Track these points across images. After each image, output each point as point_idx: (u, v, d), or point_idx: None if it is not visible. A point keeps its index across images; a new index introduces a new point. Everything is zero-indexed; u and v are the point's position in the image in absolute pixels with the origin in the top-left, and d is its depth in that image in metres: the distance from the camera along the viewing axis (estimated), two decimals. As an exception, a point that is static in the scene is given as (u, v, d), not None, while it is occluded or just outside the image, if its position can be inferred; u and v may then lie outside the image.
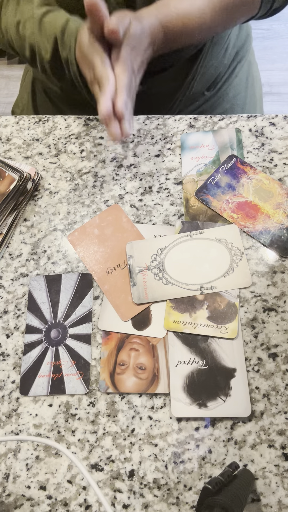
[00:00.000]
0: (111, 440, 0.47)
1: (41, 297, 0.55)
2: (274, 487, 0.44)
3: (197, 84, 0.72)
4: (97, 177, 0.63)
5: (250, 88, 0.82)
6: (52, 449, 0.48)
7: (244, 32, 0.77)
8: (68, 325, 0.53)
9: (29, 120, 0.69)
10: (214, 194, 0.59)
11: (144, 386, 0.49)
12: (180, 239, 0.56)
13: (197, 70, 0.70)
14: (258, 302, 0.52)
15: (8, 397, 0.51)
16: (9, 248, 0.59)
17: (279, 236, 0.55)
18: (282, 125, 0.63)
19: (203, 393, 0.48)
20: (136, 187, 0.61)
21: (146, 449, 0.47)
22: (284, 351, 0.49)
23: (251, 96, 0.82)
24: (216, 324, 0.51)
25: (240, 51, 0.77)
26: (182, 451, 0.46)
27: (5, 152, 0.66)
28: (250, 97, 0.82)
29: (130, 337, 0.52)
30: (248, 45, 0.79)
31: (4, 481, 0.47)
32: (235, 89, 0.78)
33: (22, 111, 0.85)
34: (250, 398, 0.47)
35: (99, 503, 0.45)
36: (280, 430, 0.46)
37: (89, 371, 0.51)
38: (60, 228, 0.60)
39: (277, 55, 1.78)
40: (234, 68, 0.76)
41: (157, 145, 0.64)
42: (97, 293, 0.55)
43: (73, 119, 0.68)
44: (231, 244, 0.55)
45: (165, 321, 0.51)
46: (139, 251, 0.56)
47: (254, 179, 0.59)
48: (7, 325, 0.54)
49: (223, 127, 0.64)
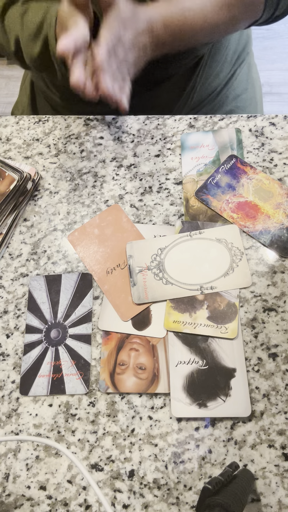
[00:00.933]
0: (111, 440, 0.47)
1: (41, 297, 0.55)
2: (274, 487, 0.44)
3: (197, 94, 0.72)
4: (97, 177, 0.63)
5: (250, 90, 0.82)
6: (52, 449, 0.48)
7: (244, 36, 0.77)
8: (68, 325, 0.53)
9: (29, 120, 0.69)
10: (214, 194, 0.59)
11: (144, 386, 0.49)
12: (180, 239, 0.56)
13: (196, 80, 0.70)
14: (258, 302, 0.52)
15: (8, 397, 0.51)
16: (9, 248, 0.59)
17: (279, 236, 0.55)
18: (282, 125, 0.63)
19: (203, 393, 0.48)
20: (136, 187, 0.61)
21: (146, 449, 0.47)
22: (284, 351, 0.49)
23: (251, 98, 0.82)
24: (216, 324, 0.51)
25: (241, 55, 0.77)
26: (182, 451, 0.46)
27: (5, 152, 0.66)
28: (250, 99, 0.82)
29: (130, 337, 0.52)
30: (248, 48, 0.79)
31: (4, 481, 0.47)
32: (235, 91, 0.78)
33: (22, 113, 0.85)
34: (250, 398, 0.47)
35: (99, 503, 0.45)
36: (280, 430, 0.46)
37: (89, 371, 0.51)
38: (60, 228, 0.60)
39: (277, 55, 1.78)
40: (234, 72, 0.76)
41: (157, 145, 0.64)
42: (97, 293, 0.55)
43: (73, 119, 0.68)
44: (231, 244, 0.55)
45: (165, 321, 0.52)
46: (139, 251, 0.56)
47: (254, 179, 0.59)
48: (7, 325, 0.54)
49: (223, 127, 0.64)
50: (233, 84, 0.77)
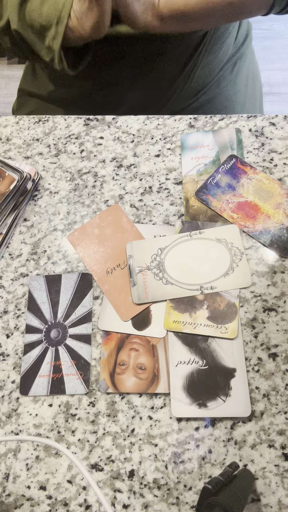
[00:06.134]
0: (111, 440, 0.47)
1: (41, 297, 0.55)
2: (274, 487, 0.44)
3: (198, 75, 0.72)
4: (97, 177, 0.63)
5: (250, 86, 0.82)
6: (52, 449, 0.48)
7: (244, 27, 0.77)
8: (68, 325, 0.53)
9: (29, 120, 0.69)
10: (214, 194, 0.59)
11: (144, 386, 0.49)
12: (180, 239, 0.56)
13: (198, 59, 0.70)
14: (258, 302, 0.52)
15: (8, 397, 0.51)
16: (9, 248, 0.59)
17: (279, 236, 0.55)
18: (282, 125, 0.63)
19: (203, 393, 0.48)
20: (136, 187, 0.61)
21: (146, 449, 0.47)
22: (284, 351, 0.49)
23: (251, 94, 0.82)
24: (216, 324, 0.51)
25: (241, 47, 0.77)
26: (182, 451, 0.46)
27: (5, 152, 0.66)
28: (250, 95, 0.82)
29: (130, 337, 0.52)
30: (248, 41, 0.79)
31: (4, 481, 0.47)
32: (235, 86, 0.78)
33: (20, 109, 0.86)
34: (250, 398, 0.47)
35: (99, 503, 0.45)
36: (280, 430, 0.46)
37: (89, 371, 0.51)
38: (60, 228, 0.60)
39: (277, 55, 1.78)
40: (235, 64, 0.76)
41: (157, 145, 0.64)
42: (97, 293, 0.55)
43: (73, 119, 0.68)
44: (231, 244, 0.55)
45: (165, 321, 0.51)
46: (139, 251, 0.56)
47: (254, 179, 0.59)
48: (7, 325, 0.54)
49: (223, 127, 0.64)
50: (234, 79, 0.77)
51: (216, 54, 0.72)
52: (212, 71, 0.74)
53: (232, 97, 0.78)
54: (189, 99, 0.75)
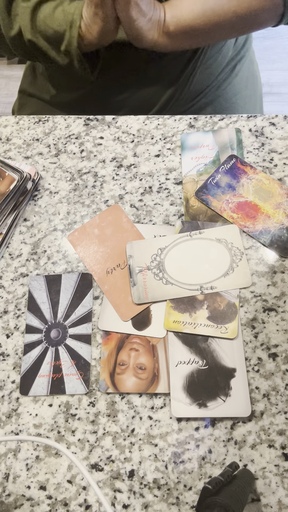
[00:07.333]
0: (111, 440, 0.47)
1: (41, 297, 0.55)
2: (274, 487, 0.44)
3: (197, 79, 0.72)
4: (97, 177, 0.63)
5: (250, 87, 0.82)
6: (52, 449, 0.48)
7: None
8: (68, 325, 0.53)
9: (29, 120, 0.69)
10: (214, 194, 0.59)
11: (144, 386, 0.49)
12: (180, 239, 0.56)
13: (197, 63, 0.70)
14: (258, 302, 0.52)
15: (8, 397, 0.51)
16: (9, 248, 0.59)
17: (279, 236, 0.55)
18: (282, 125, 0.63)
19: (203, 393, 0.48)
20: (136, 187, 0.61)
21: (146, 449, 0.47)
22: (284, 351, 0.49)
23: (251, 95, 0.82)
24: (216, 324, 0.51)
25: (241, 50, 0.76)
26: (182, 451, 0.46)
27: (5, 152, 0.66)
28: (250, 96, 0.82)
29: (130, 337, 0.52)
30: (249, 44, 0.79)
31: (4, 481, 0.47)
32: (235, 88, 0.78)
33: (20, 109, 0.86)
34: (250, 398, 0.47)
35: (99, 503, 0.45)
36: (280, 430, 0.46)
37: (89, 371, 0.51)
38: (60, 228, 0.60)
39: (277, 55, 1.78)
40: (235, 67, 0.76)
41: (157, 145, 0.64)
42: (97, 293, 0.55)
43: (73, 119, 0.68)
44: (231, 244, 0.55)
45: (165, 321, 0.51)
46: (139, 251, 0.56)
47: (254, 179, 0.59)
48: (7, 325, 0.54)
49: (223, 127, 0.64)
50: (234, 80, 0.77)
51: (216, 57, 0.72)
52: (212, 74, 0.74)
53: (232, 99, 0.78)
54: (189, 102, 0.75)
